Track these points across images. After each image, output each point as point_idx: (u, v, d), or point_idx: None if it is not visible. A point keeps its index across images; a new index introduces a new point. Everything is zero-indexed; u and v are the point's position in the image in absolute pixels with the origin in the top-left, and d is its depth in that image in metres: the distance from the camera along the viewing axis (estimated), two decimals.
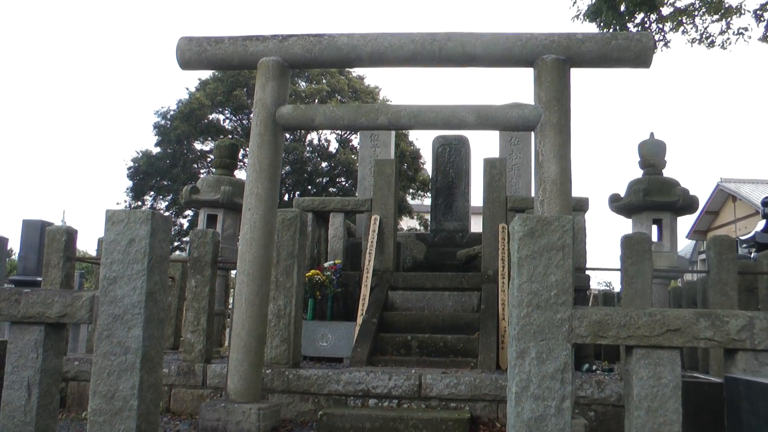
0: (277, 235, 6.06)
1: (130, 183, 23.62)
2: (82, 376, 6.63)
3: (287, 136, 21.83)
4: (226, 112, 23.81)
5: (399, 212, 17.55)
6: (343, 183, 25.32)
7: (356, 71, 23.74)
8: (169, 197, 24.18)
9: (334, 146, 24.46)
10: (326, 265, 8.59)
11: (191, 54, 5.71)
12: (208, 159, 24.26)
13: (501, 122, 5.54)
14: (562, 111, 5.30)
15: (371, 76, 25.85)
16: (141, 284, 3.60)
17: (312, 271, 8.21)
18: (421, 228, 25.00)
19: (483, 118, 5.47)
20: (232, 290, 9.87)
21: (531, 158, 10.64)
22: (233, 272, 9.36)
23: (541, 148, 5.31)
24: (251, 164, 5.52)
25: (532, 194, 10.86)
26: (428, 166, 30.44)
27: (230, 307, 9.59)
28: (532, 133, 5.49)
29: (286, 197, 22.04)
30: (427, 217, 26.05)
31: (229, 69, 6.07)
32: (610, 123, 78.26)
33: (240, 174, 20.40)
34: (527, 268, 3.19)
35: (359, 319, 7.80)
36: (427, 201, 27.27)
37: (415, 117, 5.49)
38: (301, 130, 20.91)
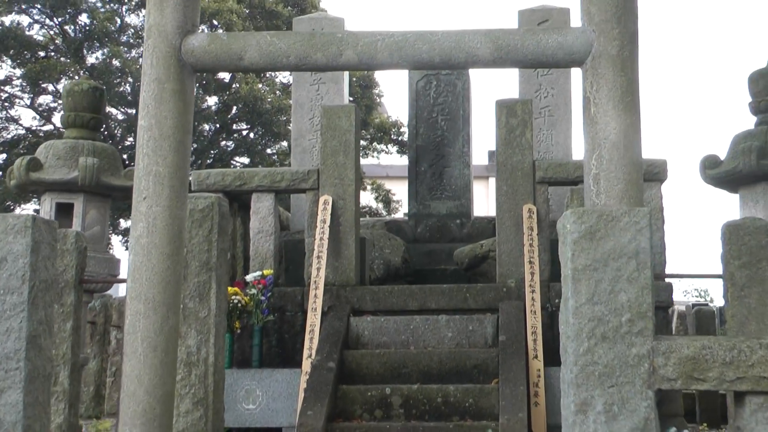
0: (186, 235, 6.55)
1: None
2: None
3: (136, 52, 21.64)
4: (35, 12, 23.68)
5: None
6: (244, 132, 25.68)
7: None
8: None
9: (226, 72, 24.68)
10: (249, 278, 8.99)
11: None
12: (6, 95, 24.24)
13: (530, 55, 5.97)
14: (625, 36, 5.75)
15: None
16: (19, 324, 4.16)
17: (228, 289, 8.66)
18: (381, 206, 25.52)
19: (503, 49, 5.89)
20: (92, 324, 10.36)
21: (570, 98, 11.17)
22: (97, 295, 9.84)
23: (592, 94, 5.73)
24: (145, 127, 5.94)
25: (574, 156, 11.34)
26: (389, 103, 30.82)
27: (89, 351, 10.07)
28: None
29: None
30: (388, 186, 26.45)
31: None
32: (698, 46, 79.31)
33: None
34: (587, 284, 3.77)
35: (306, 364, 8.32)
36: (387, 159, 27.73)
37: (399, 50, 5.89)
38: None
